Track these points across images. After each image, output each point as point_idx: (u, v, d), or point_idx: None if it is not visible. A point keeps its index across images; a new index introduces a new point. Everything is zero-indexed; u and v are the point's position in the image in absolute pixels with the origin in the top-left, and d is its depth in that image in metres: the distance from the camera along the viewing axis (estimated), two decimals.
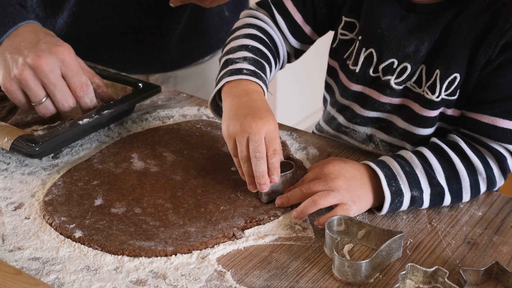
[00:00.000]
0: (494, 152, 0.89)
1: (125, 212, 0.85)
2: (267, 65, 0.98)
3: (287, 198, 0.87)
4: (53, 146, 0.96)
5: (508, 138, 0.88)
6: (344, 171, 0.86)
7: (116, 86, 1.11)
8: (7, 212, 0.86)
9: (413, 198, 0.85)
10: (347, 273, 0.74)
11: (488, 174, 0.88)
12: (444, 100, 0.91)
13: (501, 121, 0.87)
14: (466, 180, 0.87)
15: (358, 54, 0.97)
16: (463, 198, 0.88)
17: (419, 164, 0.87)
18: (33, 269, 0.76)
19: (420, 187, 0.86)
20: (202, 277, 0.75)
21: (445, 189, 0.86)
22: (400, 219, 0.86)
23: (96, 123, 1.00)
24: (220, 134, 1.04)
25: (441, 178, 0.87)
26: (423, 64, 0.93)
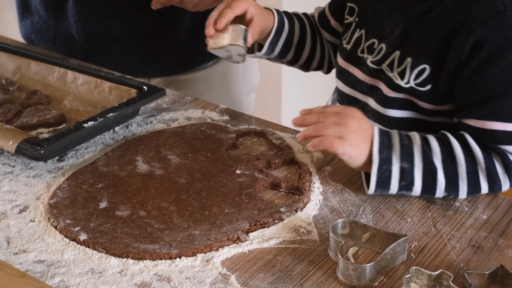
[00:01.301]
0: (495, 149, 0.89)
1: (130, 215, 0.85)
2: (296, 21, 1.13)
3: (302, 119, 0.90)
4: (58, 149, 0.96)
5: (499, 139, 0.88)
6: (361, 120, 0.89)
7: (120, 89, 1.11)
8: (12, 214, 0.87)
9: (403, 170, 0.86)
10: (351, 277, 0.74)
11: (488, 166, 0.87)
12: (413, 88, 0.94)
13: (488, 123, 0.88)
14: (462, 166, 0.87)
15: (352, 34, 1.04)
16: (460, 186, 0.88)
17: (419, 141, 0.89)
18: (38, 272, 0.76)
19: (412, 161, 0.87)
20: (206, 280, 0.75)
21: (438, 169, 0.87)
22: (405, 222, 0.85)
23: (101, 126, 1.00)
24: (224, 137, 1.04)
25: (437, 159, 0.87)
26: (398, 50, 0.96)
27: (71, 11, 1.34)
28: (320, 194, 0.91)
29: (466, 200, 0.90)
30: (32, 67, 1.23)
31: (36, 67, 1.23)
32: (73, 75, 1.17)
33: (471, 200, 0.90)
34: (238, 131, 1.06)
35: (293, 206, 0.87)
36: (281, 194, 0.92)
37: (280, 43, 1.11)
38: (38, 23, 1.40)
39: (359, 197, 0.90)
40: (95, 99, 1.13)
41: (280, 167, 0.98)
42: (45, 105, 1.15)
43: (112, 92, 1.12)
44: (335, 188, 0.92)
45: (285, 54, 1.14)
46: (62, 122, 1.10)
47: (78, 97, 1.16)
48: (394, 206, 0.89)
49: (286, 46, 1.13)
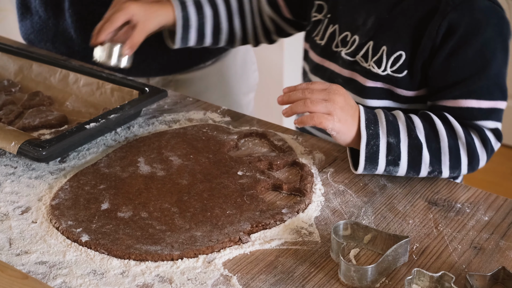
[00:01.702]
0: (472, 125, 0.93)
1: (132, 216, 0.85)
2: (208, 8, 1.13)
3: (288, 95, 0.91)
4: (60, 150, 0.97)
5: (475, 116, 0.93)
6: (347, 97, 0.91)
7: (122, 90, 1.11)
8: (14, 216, 0.87)
9: (390, 145, 0.89)
10: (353, 278, 0.74)
11: (468, 140, 0.91)
12: (390, 76, 0.97)
13: (463, 102, 0.93)
14: (444, 141, 0.90)
15: (325, 31, 1.07)
16: (442, 161, 0.90)
17: (403, 117, 0.92)
18: (40, 273, 0.76)
19: (398, 136, 0.89)
20: (208, 282, 0.75)
21: (423, 144, 0.89)
22: (406, 223, 0.85)
23: (103, 127, 1.01)
24: (226, 138, 1.04)
25: (421, 134, 0.91)
26: (371, 40, 0.99)
27: (69, 11, 1.34)
28: (322, 195, 0.91)
29: (467, 201, 0.90)
30: (34, 68, 1.23)
31: (38, 68, 1.23)
32: (75, 77, 1.18)
33: (472, 201, 0.90)
34: (239, 133, 1.06)
35: (295, 208, 0.87)
36: (282, 196, 0.92)
37: (192, 36, 1.14)
38: (37, 23, 1.41)
39: (361, 199, 0.90)
40: (97, 101, 1.14)
41: (281, 168, 0.98)
42: (47, 107, 1.15)
43: (114, 94, 1.12)
44: (337, 190, 0.92)
45: (202, 43, 1.17)
46: (64, 123, 1.10)
47: (80, 98, 1.16)
48: (395, 207, 0.89)
49: (199, 37, 1.15)
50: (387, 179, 0.95)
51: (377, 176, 0.96)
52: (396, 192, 0.92)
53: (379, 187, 0.93)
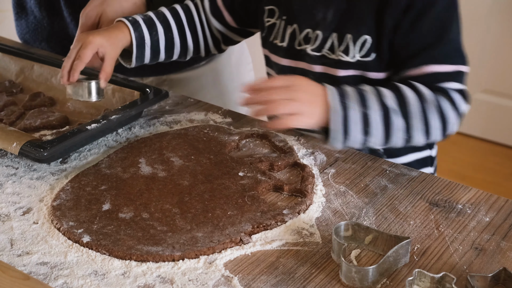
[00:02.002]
0: (438, 88, 0.95)
1: (133, 217, 0.85)
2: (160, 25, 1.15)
3: (251, 99, 0.93)
4: (62, 151, 0.97)
5: (439, 79, 0.96)
6: (310, 88, 0.93)
7: (124, 91, 1.11)
8: (15, 216, 0.87)
9: (363, 114, 0.91)
10: (354, 279, 0.74)
11: (437, 102, 0.93)
12: (360, 61, 1.01)
13: (426, 68, 0.97)
14: (414, 105, 0.93)
15: (284, 32, 1.09)
16: (414, 125, 0.92)
17: (370, 88, 0.95)
18: (41, 273, 0.76)
19: (369, 105, 0.92)
20: (209, 282, 0.75)
21: (393, 110, 0.92)
22: (407, 224, 0.86)
23: (104, 128, 1.01)
24: (227, 139, 1.04)
25: (390, 101, 0.92)
26: (334, 33, 1.03)
27: (66, 11, 1.35)
28: (323, 196, 0.91)
29: (468, 202, 0.90)
30: (35, 69, 1.23)
31: (39, 69, 1.23)
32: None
33: (473, 202, 0.90)
34: (241, 133, 1.06)
35: (296, 209, 0.87)
36: (283, 196, 0.92)
37: (147, 54, 1.15)
38: (33, 23, 1.41)
39: (362, 200, 0.90)
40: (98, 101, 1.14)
41: (282, 169, 0.98)
42: (48, 107, 1.15)
43: (115, 94, 1.12)
44: (338, 191, 0.92)
45: (156, 59, 1.18)
46: (65, 124, 1.10)
47: None
48: (396, 208, 0.89)
49: (154, 54, 1.16)
50: (388, 180, 0.95)
51: (378, 177, 0.96)
52: (397, 193, 0.92)
53: (380, 188, 0.93)
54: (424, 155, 1.12)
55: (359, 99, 0.93)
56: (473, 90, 2.92)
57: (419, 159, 1.12)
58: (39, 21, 1.41)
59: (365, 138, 0.93)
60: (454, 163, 2.79)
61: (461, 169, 2.74)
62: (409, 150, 1.10)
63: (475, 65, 2.87)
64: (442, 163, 2.77)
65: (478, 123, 2.95)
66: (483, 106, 2.92)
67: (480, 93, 2.93)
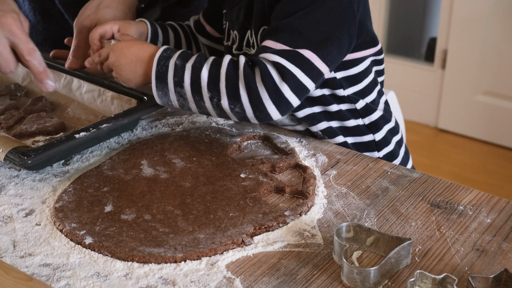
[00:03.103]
0: (257, 61, 0.96)
1: (135, 219, 0.86)
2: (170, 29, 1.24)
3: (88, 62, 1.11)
4: (47, 159, 0.95)
5: (265, 51, 0.97)
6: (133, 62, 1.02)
7: (122, 98, 1.11)
8: (18, 218, 0.87)
9: (176, 66, 0.97)
10: (356, 280, 0.74)
11: (246, 71, 0.95)
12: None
13: (265, 41, 0.99)
14: (224, 68, 0.96)
15: (228, 34, 1.16)
16: (220, 87, 0.95)
17: (199, 53, 1.00)
18: (43, 275, 0.76)
19: (186, 60, 0.97)
20: (211, 284, 0.75)
21: (204, 68, 0.96)
22: (409, 226, 0.86)
23: (93, 137, 0.99)
24: (229, 141, 1.04)
25: (206, 62, 0.97)
26: (248, 30, 1.09)
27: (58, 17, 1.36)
28: (324, 197, 0.91)
29: (470, 203, 0.90)
30: None
31: None
32: (78, 83, 1.17)
33: (475, 203, 0.90)
34: (242, 135, 1.07)
35: (298, 210, 0.87)
36: (285, 198, 0.92)
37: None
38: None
39: (363, 201, 0.91)
40: (98, 108, 1.13)
41: (284, 171, 0.98)
42: (48, 112, 1.15)
43: (113, 102, 1.11)
44: (339, 192, 0.93)
45: None
46: (61, 130, 1.09)
47: (81, 105, 1.16)
48: (398, 209, 0.89)
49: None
50: (389, 181, 0.95)
51: (380, 178, 0.96)
52: (399, 194, 0.92)
53: (382, 190, 0.93)
54: (366, 139, 1.12)
55: (181, 54, 0.99)
56: (474, 92, 2.93)
57: (360, 143, 1.12)
58: (34, 25, 1.42)
59: (177, 89, 0.98)
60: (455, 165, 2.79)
61: (462, 171, 2.74)
62: (346, 133, 1.11)
63: (475, 67, 2.88)
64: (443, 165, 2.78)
65: (479, 125, 2.96)
66: (484, 108, 2.92)
67: (481, 95, 2.93)
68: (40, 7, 1.39)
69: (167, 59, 0.98)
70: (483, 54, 2.84)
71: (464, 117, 2.97)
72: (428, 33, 3.27)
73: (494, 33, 2.79)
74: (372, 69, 1.12)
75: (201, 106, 0.98)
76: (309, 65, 0.96)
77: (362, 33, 1.05)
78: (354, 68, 1.08)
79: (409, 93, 3.08)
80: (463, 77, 2.92)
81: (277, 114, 0.96)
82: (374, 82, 1.13)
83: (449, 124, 3.04)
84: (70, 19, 1.39)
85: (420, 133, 3.04)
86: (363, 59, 1.09)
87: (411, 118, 3.10)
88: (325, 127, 1.08)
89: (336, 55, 0.99)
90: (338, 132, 1.09)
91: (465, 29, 2.85)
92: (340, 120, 1.10)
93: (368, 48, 1.09)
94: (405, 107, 2.49)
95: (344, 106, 1.09)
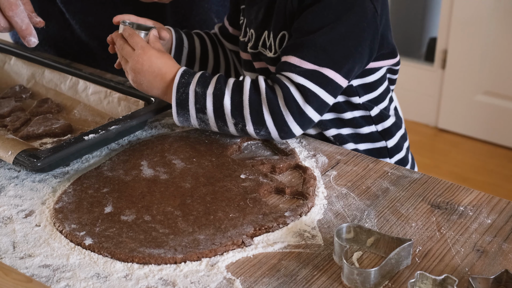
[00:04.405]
0: (278, 81, 0.97)
1: (135, 220, 0.85)
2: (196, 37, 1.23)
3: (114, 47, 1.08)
4: (57, 161, 0.95)
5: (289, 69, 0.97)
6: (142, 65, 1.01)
7: (129, 100, 1.10)
8: (18, 219, 0.87)
9: (196, 93, 0.98)
10: (356, 281, 0.74)
11: (269, 96, 0.96)
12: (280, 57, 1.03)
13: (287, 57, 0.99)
14: (246, 94, 0.96)
15: (244, 29, 1.15)
16: (244, 114, 0.96)
17: (221, 76, 1.00)
18: (43, 276, 0.76)
19: (206, 87, 0.98)
20: (211, 285, 0.75)
21: (226, 95, 0.97)
22: (409, 226, 0.86)
23: (102, 139, 0.99)
24: (229, 142, 1.04)
25: (226, 87, 0.97)
26: (265, 30, 1.08)
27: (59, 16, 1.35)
28: (325, 198, 0.91)
29: (470, 204, 0.90)
30: (46, 74, 1.23)
31: (50, 75, 1.23)
32: (84, 84, 1.17)
33: (475, 204, 0.90)
34: (242, 136, 1.06)
35: (298, 211, 0.87)
36: (285, 199, 0.92)
37: (183, 58, 1.20)
38: None
39: (364, 202, 0.91)
40: (104, 109, 1.13)
41: (284, 171, 0.98)
42: (55, 114, 1.14)
43: (120, 103, 1.11)
44: (340, 193, 0.93)
45: (191, 68, 1.22)
46: (68, 132, 1.09)
47: (88, 106, 1.16)
48: (398, 210, 0.89)
49: (190, 60, 1.21)
50: (389, 182, 0.95)
51: (380, 179, 0.96)
52: (399, 195, 0.92)
53: (382, 190, 0.93)
54: (379, 146, 1.13)
55: (200, 80, 0.98)
56: (474, 92, 2.92)
57: (372, 149, 1.13)
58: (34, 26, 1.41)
59: (200, 115, 0.99)
60: (455, 165, 2.79)
61: (462, 171, 2.74)
62: (358, 140, 1.11)
63: (476, 67, 2.88)
64: (443, 165, 2.78)
65: (479, 125, 2.95)
66: (484, 108, 2.92)
67: (481, 95, 2.93)
68: (40, 6, 1.39)
69: (186, 86, 0.98)
70: (483, 54, 2.84)
71: (464, 117, 2.97)
72: (428, 33, 3.27)
73: (494, 33, 2.79)
74: (386, 76, 1.13)
75: (225, 130, 1.00)
76: (332, 84, 0.97)
77: (383, 45, 1.05)
78: (370, 76, 1.09)
79: (409, 93, 3.08)
80: (463, 77, 2.92)
81: (300, 131, 0.99)
82: (387, 89, 1.14)
83: (449, 124, 3.04)
84: (70, 18, 1.39)
85: (420, 133, 3.04)
86: (379, 68, 1.09)
87: (411, 118, 3.10)
88: (334, 133, 1.09)
89: (357, 69, 1.01)
90: (348, 140, 1.10)
91: (465, 29, 2.85)
92: (353, 127, 1.10)
93: (387, 59, 1.10)
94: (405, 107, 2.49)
95: (358, 113, 1.10)
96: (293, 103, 0.96)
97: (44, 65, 1.24)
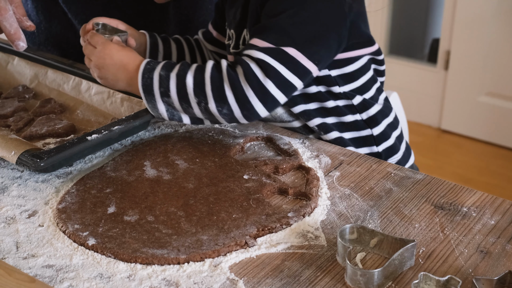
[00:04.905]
0: (240, 60, 0.98)
1: (138, 220, 0.85)
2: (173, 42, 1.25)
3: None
4: (60, 161, 0.95)
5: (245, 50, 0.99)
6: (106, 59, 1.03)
7: (132, 100, 1.10)
8: (21, 219, 0.87)
9: (160, 76, 0.98)
10: (359, 282, 0.74)
11: (229, 72, 0.96)
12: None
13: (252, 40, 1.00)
14: (208, 72, 0.96)
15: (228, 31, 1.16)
16: (206, 91, 0.96)
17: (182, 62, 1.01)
18: (46, 276, 0.76)
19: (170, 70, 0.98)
20: (214, 285, 0.75)
21: (187, 74, 0.97)
22: (413, 227, 0.85)
23: (106, 139, 0.99)
24: (232, 142, 1.04)
25: (189, 68, 0.98)
26: (244, 29, 1.09)
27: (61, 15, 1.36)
28: (328, 199, 0.91)
29: (473, 205, 0.90)
30: (49, 74, 1.23)
31: (53, 75, 1.23)
32: (87, 85, 1.17)
33: (478, 205, 0.90)
34: (245, 136, 1.07)
35: (301, 211, 0.87)
36: (288, 199, 0.92)
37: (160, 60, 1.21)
38: None
39: (367, 203, 0.91)
40: (107, 110, 1.13)
41: (287, 172, 0.98)
42: (57, 114, 1.14)
43: (123, 103, 1.11)
44: (343, 193, 0.93)
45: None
46: (71, 132, 1.09)
47: (91, 107, 1.16)
48: (401, 211, 0.89)
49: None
50: (393, 183, 0.95)
51: (383, 180, 0.96)
52: (402, 196, 0.92)
53: (385, 191, 0.93)
54: (364, 134, 1.13)
55: (165, 65, 0.99)
56: (477, 93, 2.92)
57: (358, 138, 1.12)
58: (37, 25, 1.42)
59: (165, 99, 0.98)
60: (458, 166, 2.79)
61: (465, 172, 2.74)
62: (343, 129, 1.11)
63: (478, 68, 2.87)
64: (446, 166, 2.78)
65: (482, 126, 2.95)
66: (487, 109, 2.91)
67: (484, 96, 2.92)
68: (43, 6, 1.39)
69: (151, 71, 0.99)
70: (486, 55, 2.84)
71: (467, 118, 2.97)
72: (431, 34, 3.27)
73: (497, 34, 2.79)
74: (370, 67, 1.13)
75: (190, 113, 0.99)
76: (294, 62, 0.97)
77: (354, 34, 1.06)
78: (349, 66, 1.09)
79: (412, 94, 3.08)
80: (466, 78, 2.92)
81: (264, 111, 0.97)
82: (373, 80, 1.14)
83: (452, 125, 3.03)
84: (73, 18, 1.39)
85: (423, 134, 3.04)
86: (358, 58, 1.10)
87: (414, 119, 3.09)
88: (319, 123, 1.09)
89: (324, 54, 1.01)
90: (333, 128, 1.10)
91: (468, 30, 2.84)
92: (337, 116, 1.11)
93: (363, 48, 1.10)
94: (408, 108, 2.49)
95: (341, 102, 1.10)
96: (253, 78, 0.95)
97: (47, 65, 1.24)
